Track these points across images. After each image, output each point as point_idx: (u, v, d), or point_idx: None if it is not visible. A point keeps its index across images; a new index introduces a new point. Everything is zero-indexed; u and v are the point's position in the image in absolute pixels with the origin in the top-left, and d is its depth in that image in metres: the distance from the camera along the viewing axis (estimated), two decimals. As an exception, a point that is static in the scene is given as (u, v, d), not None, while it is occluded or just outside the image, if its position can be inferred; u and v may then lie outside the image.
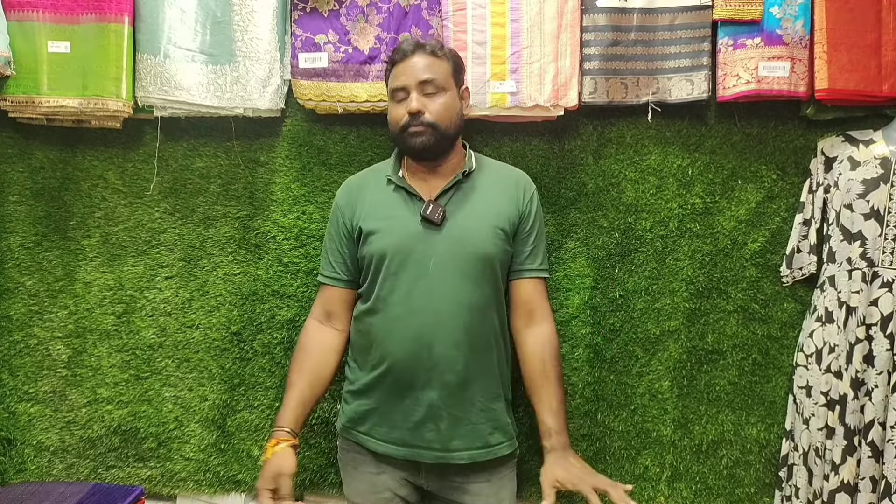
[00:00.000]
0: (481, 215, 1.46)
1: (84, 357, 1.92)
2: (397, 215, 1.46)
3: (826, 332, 1.69)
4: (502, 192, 1.50)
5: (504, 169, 1.59)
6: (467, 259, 1.42)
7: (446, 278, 1.41)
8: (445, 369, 1.40)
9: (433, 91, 1.44)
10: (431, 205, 1.43)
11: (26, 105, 1.79)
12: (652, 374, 1.83)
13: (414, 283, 1.41)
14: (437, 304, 1.40)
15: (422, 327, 1.40)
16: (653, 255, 1.83)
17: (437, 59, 1.47)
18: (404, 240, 1.43)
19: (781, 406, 1.81)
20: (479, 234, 1.44)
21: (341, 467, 1.57)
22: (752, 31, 1.72)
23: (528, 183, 1.55)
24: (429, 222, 1.42)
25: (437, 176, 1.49)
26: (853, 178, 1.66)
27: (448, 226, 1.43)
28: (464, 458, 1.43)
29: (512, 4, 1.76)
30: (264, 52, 1.79)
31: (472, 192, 1.48)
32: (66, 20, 1.78)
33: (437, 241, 1.42)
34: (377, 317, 1.45)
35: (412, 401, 1.42)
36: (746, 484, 1.81)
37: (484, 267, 1.43)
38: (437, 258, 1.41)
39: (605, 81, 1.75)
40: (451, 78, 1.48)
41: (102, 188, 1.91)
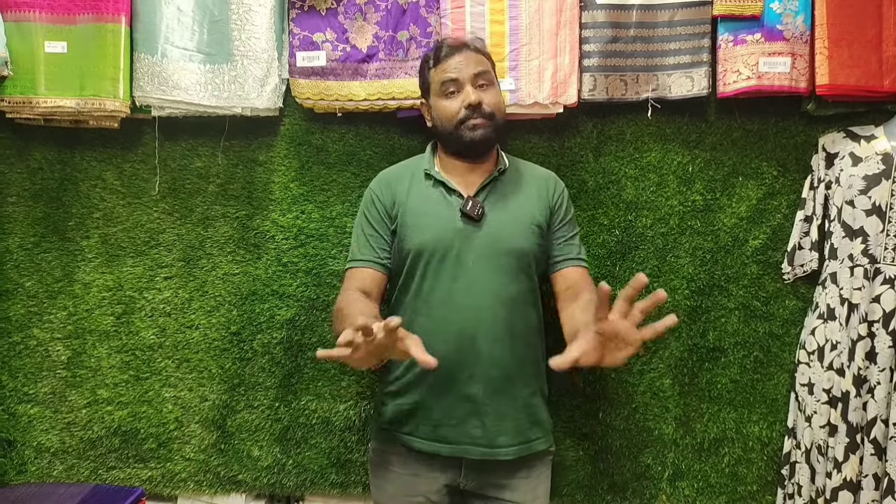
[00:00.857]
0: (517, 212, 1.47)
1: (84, 358, 1.91)
2: (436, 210, 1.46)
3: (828, 329, 1.68)
4: (534, 190, 1.52)
5: (534, 168, 1.61)
6: (505, 255, 1.43)
7: (486, 274, 1.42)
8: (488, 365, 1.41)
9: (485, 83, 1.47)
10: (471, 201, 1.44)
11: (24, 105, 1.78)
12: (653, 371, 1.82)
13: (454, 280, 1.42)
14: (477, 300, 1.41)
15: (464, 323, 1.40)
16: (653, 252, 1.82)
17: (481, 55, 1.50)
18: (444, 235, 1.43)
19: (783, 403, 1.80)
20: (516, 229, 1.45)
21: (373, 469, 1.55)
22: (752, 27, 1.71)
23: (556, 180, 1.58)
24: (468, 218, 1.43)
25: (473, 173, 1.50)
26: (855, 174, 1.65)
27: (486, 222, 1.44)
28: (510, 454, 1.42)
29: (510, 2, 1.75)
30: (262, 51, 1.78)
31: (507, 189, 1.49)
32: (63, 20, 1.78)
33: (476, 237, 1.43)
34: (418, 314, 1.45)
35: (456, 398, 1.41)
36: (748, 482, 1.80)
37: (521, 262, 1.45)
38: (477, 254, 1.42)
39: (604, 78, 1.74)
40: (493, 72, 1.52)
41: (101, 188, 1.91)
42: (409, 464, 1.47)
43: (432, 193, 1.48)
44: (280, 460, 1.88)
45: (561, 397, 1.83)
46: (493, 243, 1.43)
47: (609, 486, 1.83)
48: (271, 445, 1.89)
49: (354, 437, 1.86)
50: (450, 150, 1.51)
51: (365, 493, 1.86)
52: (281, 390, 1.88)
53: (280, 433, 1.88)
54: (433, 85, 1.50)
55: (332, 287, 1.87)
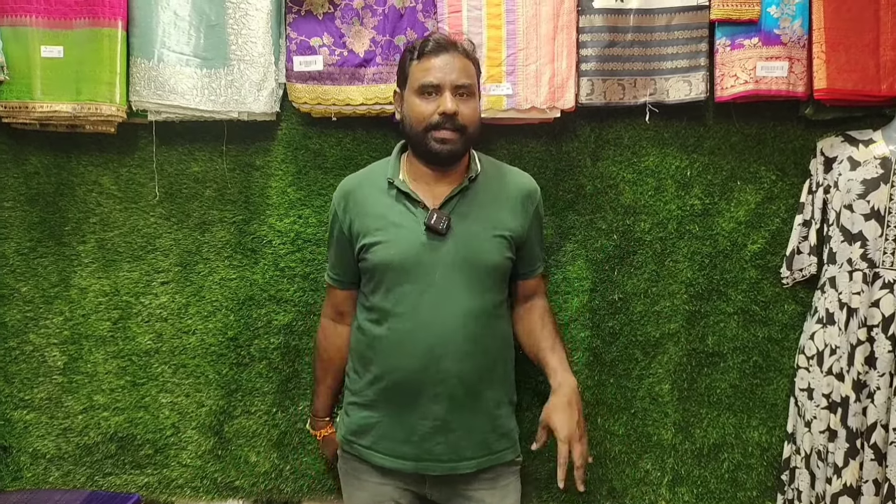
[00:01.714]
0: (486, 223, 1.41)
1: (80, 363, 1.90)
2: (400, 224, 1.40)
3: (827, 333, 1.67)
4: (508, 200, 1.45)
5: (509, 173, 1.53)
6: (473, 268, 1.39)
7: (453, 289, 1.38)
8: (455, 382, 1.38)
9: (466, 94, 1.39)
10: (436, 214, 1.37)
11: (20, 110, 1.78)
12: (652, 377, 1.82)
13: (420, 295, 1.38)
14: (444, 316, 1.37)
15: (430, 340, 1.37)
16: (652, 257, 1.82)
17: (468, 60, 1.41)
18: (408, 250, 1.38)
19: (783, 409, 1.79)
20: (485, 243, 1.40)
21: (342, 476, 1.55)
22: (749, 31, 1.71)
23: (533, 189, 1.52)
24: (433, 232, 1.37)
25: (441, 181, 1.43)
26: (853, 178, 1.65)
27: (453, 235, 1.38)
28: (471, 466, 1.41)
29: (508, 6, 1.75)
30: (259, 56, 1.78)
31: (476, 197, 1.43)
32: (60, 25, 1.77)
33: (443, 251, 1.38)
34: (382, 329, 1.42)
35: (419, 415, 1.39)
36: (748, 487, 1.80)
37: (490, 275, 1.41)
38: (444, 268, 1.37)
39: (602, 83, 1.74)
40: (476, 81, 1.43)
41: (97, 193, 1.90)
42: (374, 472, 1.46)
43: (395, 205, 1.42)
44: (277, 466, 1.88)
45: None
46: (460, 257, 1.38)
47: (608, 491, 1.82)
48: (269, 451, 1.88)
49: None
50: (415, 153, 1.45)
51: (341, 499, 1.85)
52: (278, 396, 1.87)
53: (277, 439, 1.88)
54: (411, 79, 1.41)
55: (329, 292, 1.87)
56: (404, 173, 1.47)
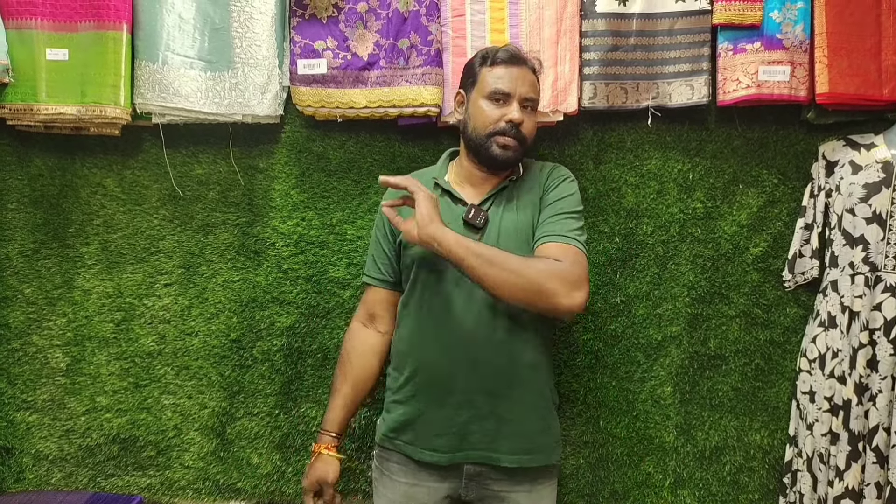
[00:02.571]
0: (522, 220, 1.46)
1: (83, 365, 1.91)
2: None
3: (829, 336, 1.68)
4: (535, 191, 1.50)
5: (543, 167, 1.57)
6: None
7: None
8: (490, 373, 1.40)
9: (530, 109, 1.47)
10: (474, 209, 1.44)
11: (24, 112, 1.79)
12: (654, 379, 1.82)
13: (454, 288, 1.41)
14: (477, 309, 1.40)
15: (464, 332, 1.40)
16: (654, 260, 1.83)
17: (537, 75, 1.50)
18: None
19: (785, 411, 1.80)
20: (519, 238, 1.44)
21: (375, 479, 1.54)
22: (751, 36, 1.72)
23: (553, 167, 1.54)
24: (470, 227, 1.43)
25: (486, 182, 1.50)
26: (855, 182, 1.66)
27: (489, 231, 1.44)
28: (512, 462, 1.41)
29: (511, 10, 1.76)
30: (263, 59, 1.79)
31: (513, 197, 1.49)
32: (65, 27, 1.78)
33: None
34: (418, 323, 1.45)
35: (456, 406, 1.41)
36: (750, 490, 1.80)
37: None
38: None
39: (604, 86, 1.75)
40: (538, 100, 1.52)
41: (101, 195, 1.91)
42: (410, 473, 1.46)
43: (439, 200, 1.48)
44: (280, 468, 1.88)
45: (561, 405, 1.83)
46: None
47: (610, 494, 1.82)
48: (271, 453, 1.88)
49: (353, 445, 1.85)
50: (471, 154, 1.50)
51: (365, 501, 1.85)
52: (281, 397, 1.88)
53: (280, 440, 1.88)
54: (481, 83, 1.46)
55: (332, 294, 1.87)
56: (450, 175, 1.54)
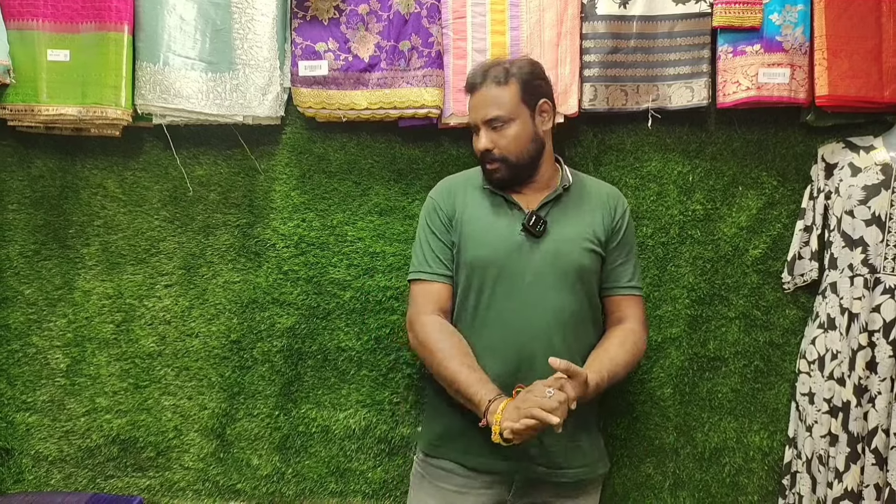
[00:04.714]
0: (578, 228, 1.46)
1: (83, 366, 1.90)
2: (496, 223, 1.45)
3: (828, 338, 1.68)
4: (597, 207, 1.50)
5: (600, 184, 1.59)
6: (564, 271, 1.42)
7: (544, 290, 1.41)
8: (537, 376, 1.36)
9: (500, 125, 1.44)
10: (534, 216, 1.43)
11: (25, 113, 1.79)
12: (654, 381, 1.82)
13: (511, 296, 1.40)
14: (536, 317, 1.39)
15: (521, 341, 1.39)
16: (654, 261, 1.83)
17: (501, 87, 1.44)
18: (503, 249, 1.42)
19: (784, 413, 1.80)
20: (577, 246, 1.44)
21: (415, 482, 1.51)
22: (751, 38, 1.73)
23: (620, 199, 1.56)
24: (529, 233, 1.43)
25: (532, 189, 1.50)
26: (854, 184, 1.66)
27: (546, 238, 1.43)
28: (569, 476, 1.40)
29: (512, 12, 1.76)
30: (264, 60, 1.79)
31: (569, 205, 1.49)
32: (66, 28, 1.78)
33: (535, 253, 1.42)
34: (475, 330, 1.43)
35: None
36: (749, 492, 1.80)
37: (578, 279, 1.43)
38: (535, 270, 1.41)
39: (604, 88, 1.75)
40: (519, 103, 1.45)
41: (102, 196, 1.91)
42: (456, 479, 1.43)
43: (492, 205, 1.48)
44: (279, 469, 1.88)
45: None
46: (552, 260, 1.42)
47: (610, 495, 1.82)
48: (271, 454, 1.88)
49: (354, 446, 1.86)
50: None
51: (364, 501, 1.85)
52: (281, 399, 1.88)
53: (279, 442, 1.88)
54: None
55: (332, 295, 1.87)
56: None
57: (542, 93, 1.48)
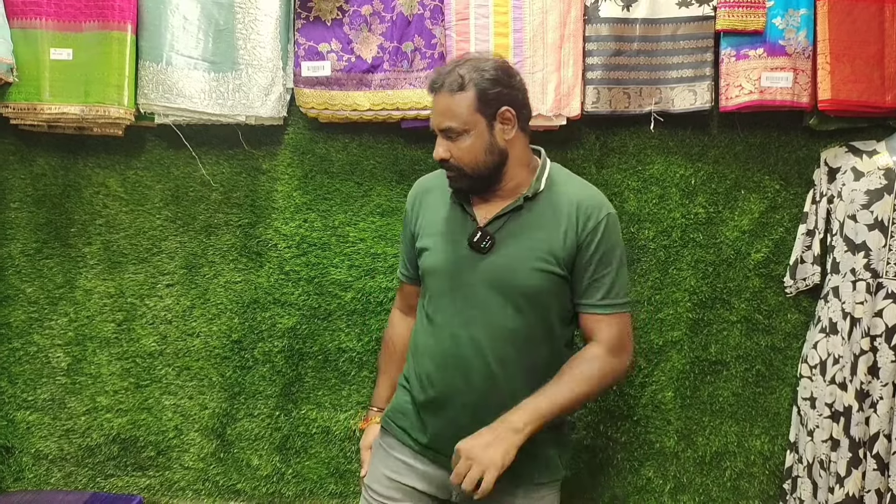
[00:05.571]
0: (529, 245, 1.35)
1: (84, 365, 1.91)
2: (450, 234, 1.41)
3: (830, 343, 1.68)
4: (562, 220, 1.36)
5: (577, 191, 1.40)
6: (510, 291, 1.35)
7: (489, 306, 1.36)
8: (482, 397, 1.35)
9: (454, 135, 1.36)
10: (480, 232, 1.37)
11: (28, 112, 1.79)
12: (655, 384, 1.82)
13: (456, 308, 1.37)
14: (477, 332, 1.35)
15: (461, 352, 1.36)
16: (655, 264, 1.83)
17: (455, 95, 1.34)
18: (451, 261, 1.39)
19: (785, 417, 1.80)
20: (522, 266, 1.34)
21: (374, 449, 1.50)
22: (754, 42, 1.72)
23: (595, 209, 1.37)
24: (475, 250, 1.37)
25: (497, 197, 1.40)
26: (857, 188, 1.66)
27: (495, 254, 1.35)
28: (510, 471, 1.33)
29: (515, 14, 1.76)
30: (267, 61, 1.79)
31: (529, 218, 1.37)
32: (69, 27, 1.78)
33: (483, 269, 1.36)
34: (424, 330, 1.43)
35: (446, 420, 1.38)
36: (750, 496, 1.80)
37: (525, 300, 1.35)
38: (481, 285, 1.36)
39: (607, 91, 1.75)
40: (474, 112, 1.34)
41: (104, 195, 1.91)
42: (407, 451, 1.42)
43: (452, 214, 1.43)
44: (279, 469, 1.88)
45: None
46: (499, 278, 1.35)
47: (610, 499, 1.82)
48: (271, 454, 1.88)
49: (354, 447, 1.85)
50: None
51: (364, 504, 1.85)
52: (281, 399, 1.88)
53: (280, 442, 1.88)
54: None
55: (333, 296, 1.87)
56: None
57: (505, 100, 1.35)
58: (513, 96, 1.37)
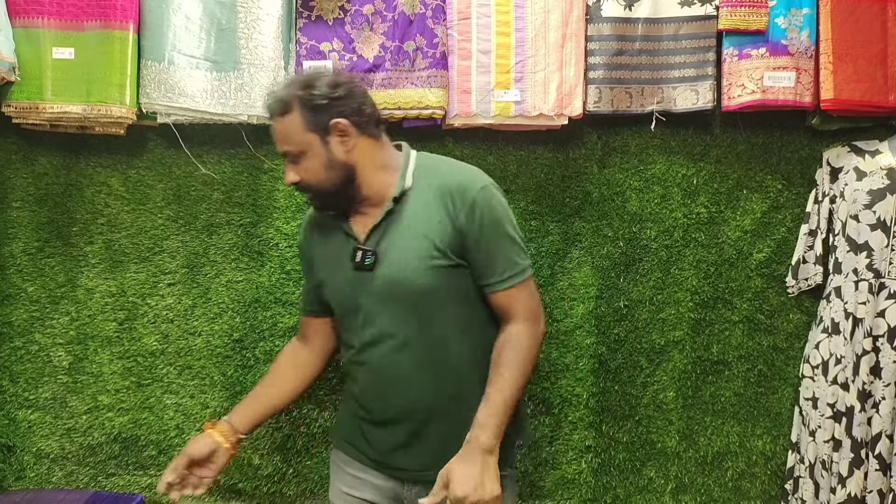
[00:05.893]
0: (415, 247, 1.31)
1: (85, 364, 1.91)
2: (338, 261, 1.37)
3: (832, 343, 1.68)
4: (436, 210, 1.31)
5: (445, 175, 1.34)
6: (409, 297, 1.31)
7: (396, 320, 1.32)
8: (410, 409, 1.34)
9: (295, 158, 1.32)
10: (360, 251, 1.33)
11: (30, 111, 1.79)
12: (657, 384, 1.82)
13: (367, 330, 1.34)
14: (389, 346, 1.33)
15: (382, 368, 1.34)
16: (657, 264, 1.82)
17: (283, 119, 1.31)
18: (345, 287, 1.36)
19: (787, 418, 1.79)
20: (415, 268, 1.30)
21: (331, 466, 1.51)
22: (757, 42, 1.72)
23: (462, 189, 1.30)
24: (361, 270, 1.33)
25: (370, 207, 1.35)
26: (859, 188, 1.66)
27: (382, 267, 1.32)
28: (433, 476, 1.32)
29: (517, 13, 1.76)
30: (269, 60, 1.79)
31: (405, 219, 1.32)
32: (71, 27, 1.78)
33: (376, 285, 1.32)
34: (349, 360, 1.41)
35: (385, 433, 1.37)
36: (752, 496, 1.80)
37: (430, 299, 1.31)
38: (376, 300, 1.33)
39: (609, 90, 1.75)
40: (305, 132, 1.30)
41: (105, 194, 1.91)
42: (356, 464, 1.42)
43: (337, 239, 1.38)
44: (280, 469, 1.88)
45: (563, 409, 1.83)
46: (392, 288, 1.32)
47: (612, 499, 1.82)
48: (272, 454, 1.88)
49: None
50: None
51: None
52: (282, 399, 1.88)
53: (281, 442, 1.88)
54: None
55: (335, 295, 1.87)
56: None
57: (335, 112, 1.29)
58: (343, 106, 1.30)
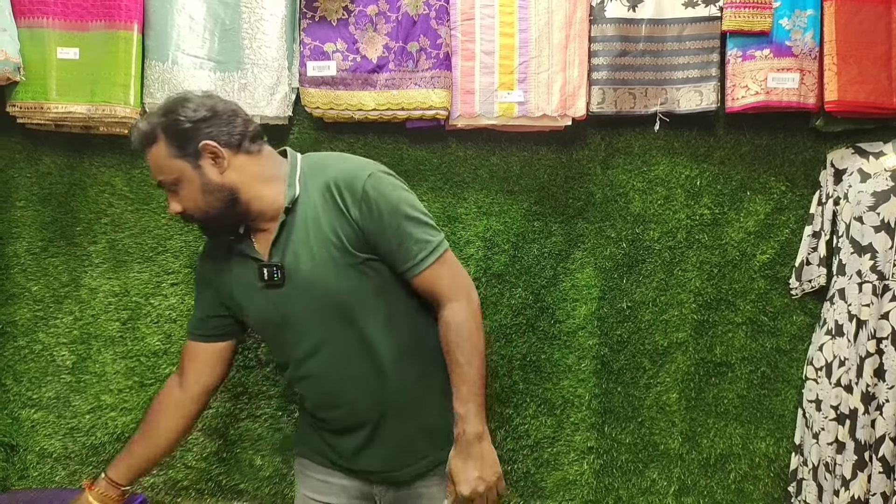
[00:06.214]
0: (318, 252, 1.26)
1: (88, 363, 1.91)
2: (246, 285, 1.33)
3: (836, 345, 1.67)
4: (329, 209, 1.27)
5: (329, 172, 1.29)
6: (330, 303, 1.27)
7: (317, 328, 1.29)
8: (361, 410, 1.33)
9: (172, 187, 1.29)
10: (265, 269, 1.29)
11: (35, 111, 1.79)
12: (660, 386, 1.82)
13: (298, 344, 1.31)
14: (325, 355, 1.30)
15: (323, 378, 1.32)
16: (661, 265, 1.82)
17: (151, 150, 1.27)
18: (263, 309, 1.32)
19: (791, 420, 1.79)
20: (326, 273, 1.26)
21: (296, 474, 1.49)
22: (761, 43, 1.72)
23: (350, 180, 1.25)
24: (271, 287, 1.29)
25: (267, 222, 1.31)
26: (863, 190, 1.65)
27: (294, 279, 1.27)
28: (409, 474, 1.34)
29: (520, 14, 1.76)
30: (272, 60, 1.80)
31: (300, 226, 1.28)
32: (76, 27, 1.79)
33: (293, 299, 1.29)
34: (290, 377, 1.39)
35: (343, 437, 1.36)
36: (755, 499, 1.79)
37: (347, 301, 1.27)
38: (298, 313, 1.29)
39: (613, 91, 1.75)
40: (174, 160, 1.25)
41: (109, 194, 1.91)
42: (321, 469, 1.41)
43: (240, 264, 1.33)
44: (281, 470, 1.88)
45: (566, 410, 1.83)
46: (310, 298, 1.28)
47: (614, 501, 1.82)
48: (273, 455, 1.88)
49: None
50: None
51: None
52: (283, 400, 1.88)
53: (282, 443, 1.87)
54: None
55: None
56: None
57: (201, 135, 1.25)
58: (210, 127, 1.26)
